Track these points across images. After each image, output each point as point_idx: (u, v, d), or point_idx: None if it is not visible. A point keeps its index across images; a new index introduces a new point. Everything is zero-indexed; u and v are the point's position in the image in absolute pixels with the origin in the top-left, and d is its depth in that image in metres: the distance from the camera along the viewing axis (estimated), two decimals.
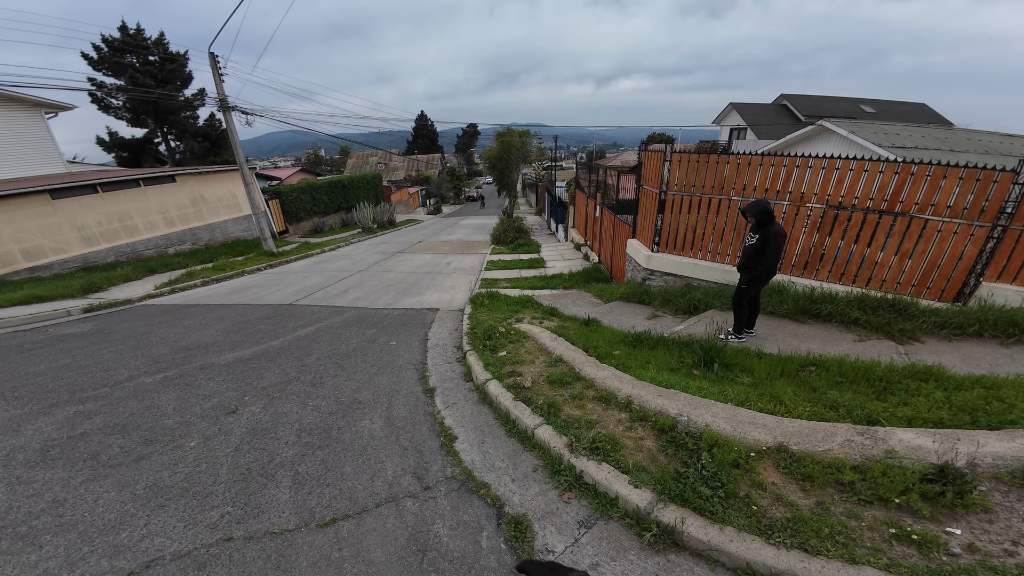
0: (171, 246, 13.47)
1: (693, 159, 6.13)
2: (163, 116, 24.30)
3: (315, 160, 66.08)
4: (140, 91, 20.78)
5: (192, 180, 14.32)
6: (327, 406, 3.91)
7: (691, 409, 2.95)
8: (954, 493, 2.05)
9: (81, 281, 9.12)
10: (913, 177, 4.62)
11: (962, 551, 1.88)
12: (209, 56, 11.70)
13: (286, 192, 18.90)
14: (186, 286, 9.48)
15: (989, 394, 2.90)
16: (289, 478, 2.93)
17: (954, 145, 11.17)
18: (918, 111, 23.29)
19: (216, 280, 10.16)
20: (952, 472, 2.09)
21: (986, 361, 3.79)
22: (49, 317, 7.35)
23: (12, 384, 4.58)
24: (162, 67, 24.11)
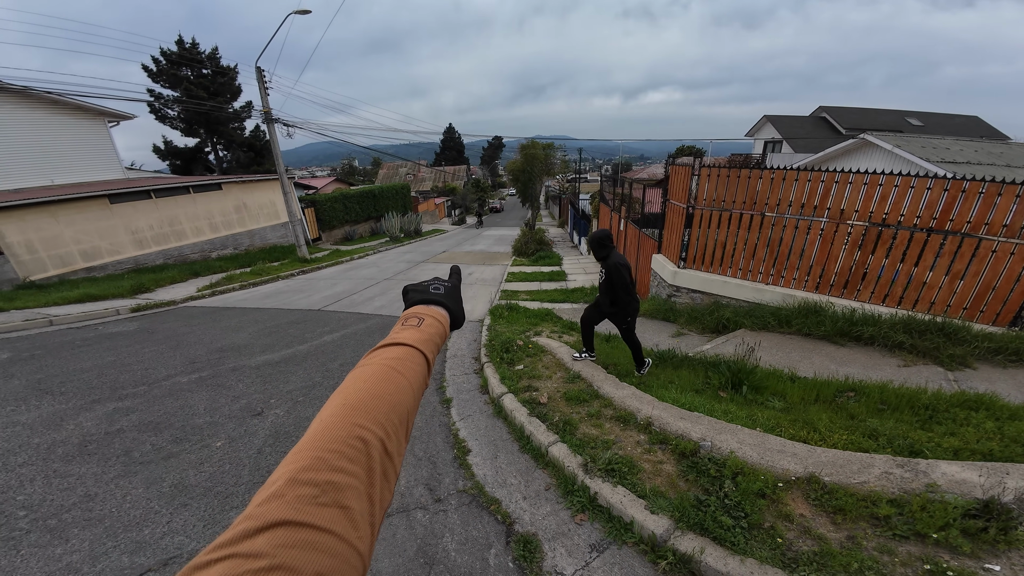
0: (214, 250, 14.28)
1: (723, 173, 6.00)
2: (213, 127, 26.04)
3: (349, 170, 69.13)
4: (193, 103, 22.40)
5: (236, 188, 15.16)
6: None
7: (715, 434, 2.83)
8: (997, 529, 1.91)
9: (131, 282, 9.81)
10: (965, 194, 4.35)
11: None
12: (256, 70, 12.46)
13: (321, 201, 19.74)
14: (225, 289, 9.99)
15: None
16: None
17: (1010, 160, 10.46)
18: (970, 124, 21.88)
19: (253, 284, 10.64)
20: (997, 507, 1.95)
21: None
22: (100, 316, 7.89)
23: (60, 380, 4.91)
24: (214, 80, 25.87)
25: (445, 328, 0.70)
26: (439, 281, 0.79)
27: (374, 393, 0.48)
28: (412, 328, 0.64)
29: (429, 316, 0.68)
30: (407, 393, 0.52)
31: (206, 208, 14.06)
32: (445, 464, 3.18)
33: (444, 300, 0.74)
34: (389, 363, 0.55)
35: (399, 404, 0.49)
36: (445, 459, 3.24)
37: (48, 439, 3.64)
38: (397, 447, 0.46)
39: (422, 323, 0.66)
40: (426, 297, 0.74)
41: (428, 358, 0.61)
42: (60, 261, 10.60)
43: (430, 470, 3.11)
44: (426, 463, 3.20)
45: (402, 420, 0.49)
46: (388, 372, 0.53)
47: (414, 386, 0.54)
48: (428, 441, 3.49)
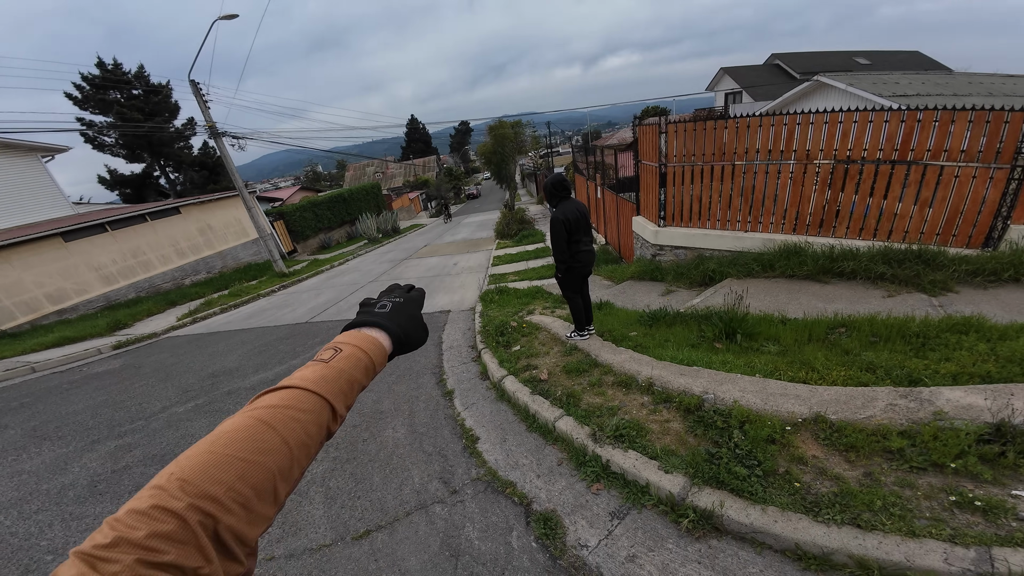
0: (186, 277, 13.63)
1: (690, 128, 5.88)
2: (158, 149, 24.46)
3: (314, 177, 66.55)
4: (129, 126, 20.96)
5: (196, 210, 14.39)
6: (350, 419, 3.87)
7: (716, 385, 2.79)
8: (1016, 452, 1.85)
9: (107, 319, 9.36)
10: (920, 124, 4.38)
11: None
12: (190, 84, 11.59)
13: (289, 212, 19.00)
14: (206, 315, 9.63)
15: None
16: (321, 494, 2.92)
17: (956, 89, 10.73)
18: (913, 59, 22.31)
19: (233, 306, 10.29)
20: (1010, 430, 1.89)
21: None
22: (81, 357, 7.57)
23: (55, 424, 4.70)
24: (147, 100, 24.09)
25: (371, 360, 0.59)
26: (389, 296, 0.70)
27: (219, 457, 0.42)
28: (317, 364, 0.55)
29: (351, 345, 0.59)
30: (278, 451, 0.45)
31: (168, 235, 13.31)
32: (456, 455, 3.10)
33: (384, 321, 0.64)
34: (261, 412, 0.47)
35: (258, 466, 0.43)
36: (455, 450, 3.16)
37: (57, 484, 3.51)
38: (246, 516, 0.41)
39: (336, 356, 0.56)
40: (364, 319, 0.65)
41: (331, 403, 0.51)
42: (27, 307, 9.98)
43: (442, 464, 3.04)
44: (437, 458, 3.12)
45: (260, 483, 0.43)
46: (253, 425, 0.46)
47: (293, 441, 0.46)
48: (436, 436, 3.40)
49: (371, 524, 2.57)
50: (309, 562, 2.37)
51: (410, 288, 0.75)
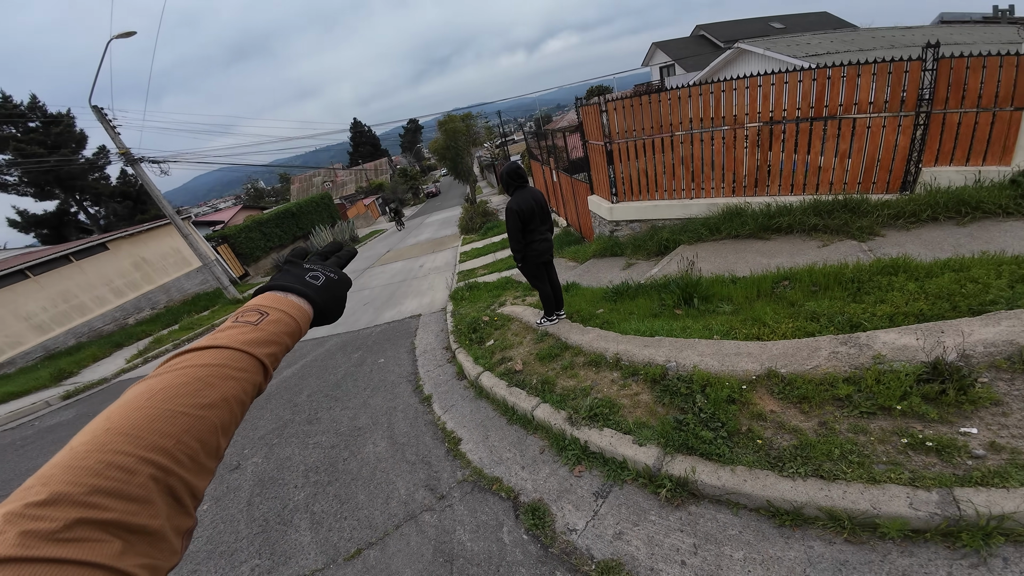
0: (129, 316, 12.39)
1: (628, 104, 5.87)
2: (69, 183, 21.95)
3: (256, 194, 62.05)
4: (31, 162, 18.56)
5: (126, 244, 12.95)
6: (328, 440, 3.71)
7: (677, 352, 2.83)
8: (956, 390, 1.87)
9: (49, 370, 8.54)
10: (831, 81, 4.58)
11: (985, 451, 1.70)
12: (93, 110, 10.25)
13: (234, 234, 17.50)
14: (158, 353, 8.96)
15: (961, 276, 2.78)
16: (307, 520, 2.81)
17: (861, 45, 11.29)
18: (823, 19, 23.54)
19: (187, 340, 9.61)
20: (946, 368, 1.93)
21: (948, 243, 3.70)
22: (30, 411, 6.99)
23: (16, 483, 4.24)
24: (47, 132, 21.49)
25: (299, 325, 0.57)
26: (324, 268, 0.65)
27: (160, 411, 0.39)
28: (243, 326, 0.51)
29: (276, 310, 0.55)
30: (220, 406, 0.43)
31: (100, 273, 11.94)
32: (439, 460, 3.01)
33: (314, 295, 0.60)
34: (195, 371, 0.44)
35: (204, 421, 0.41)
36: (438, 455, 3.07)
37: None
38: (196, 470, 0.40)
39: (263, 319, 0.53)
40: (284, 284, 0.60)
41: (263, 362, 0.50)
42: None
43: (426, 471, 2.94)
44: (421, 466, 3.02)
45: (207, 438, 0.41)
46: (195, 381, 0.43)
47: (232, 398, 0.45)
48: (418, 443, 3.29)
49: (361, 542, 2.50)
50: None
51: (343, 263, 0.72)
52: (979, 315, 2.33)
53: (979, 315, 2.33)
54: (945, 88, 4.21)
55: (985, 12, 19.30)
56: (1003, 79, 4.01)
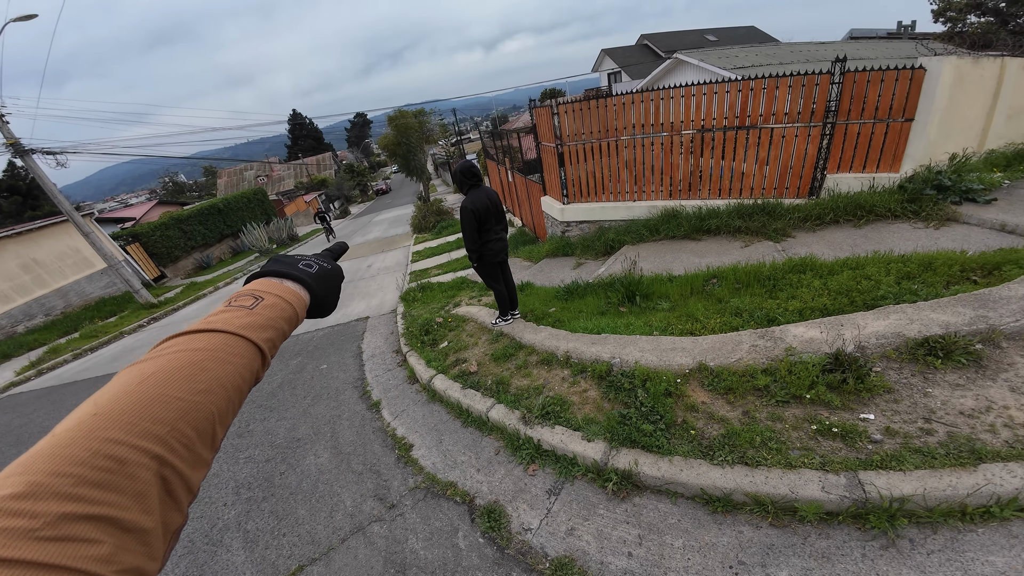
0: (18, 324, 10.69)
1: (578, 108, 5.94)
2: None
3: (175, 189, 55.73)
4: None
5: (12, 244, 11.11)
6: (262, 454, 3.39)
7: (621, 349, 2.92)
8: (854, 379, 2.01)
9: None
10: (754, 92, 4.86)
11: (883, 436, 1.83)
12: None
13: (147, 232, 15.52)
14: (54, 364, 7.88)
15: (857, 274, 3.04)
16: (239, 539, 2.56)
17: (782, 58, 12.13)
18: (751, 33, 25.38)
19: (90, 350, 8.51)
20: (846, 358, 2.07)
21: (847, 244, 4.02)
22: None
23: None
24: None
25: (295, 312, 0.53)
26: (316, 258, 0.62)
27: (153, 395, 0.35)
28: (238, 310, 0.48)
29: (271, 295, 0.52)
30: (216, 392, 0.39)
31: None
32: (389, 468, 2.86)
33: (310, 280, 0.57)
34: (189, 355, 0.40)
35: (199, 407, 0.37)
36: (388, 463, 2.92)
37: None
38: (191, 460, 0.35)
39: (258, 304, 0.49)
40: (281, 270, 0.56)
41: (261, 347, 0.46)
42: None
43: (375, 481, 2.79)
44: (369, 475, 2.85)
45: (202, 426, 0.37)
46: (190, 365, 0.39)
47: (229, 383, 0.41)
48: (365, 452, 3.11)
49: (303, 559, 2.32)
50: None
51: (336, 256, 0.69)
52: (872, 309, 2.58)
53: (872, 309, 2.58)
54: (848, 100, 4.55)
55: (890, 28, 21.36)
56: (897, 92, 4.36)
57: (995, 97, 4.93)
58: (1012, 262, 2.74)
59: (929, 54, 4.55)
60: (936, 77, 4.26)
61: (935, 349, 2.10)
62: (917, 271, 2.94)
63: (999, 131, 5.13)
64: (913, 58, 4.58)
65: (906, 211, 4.27)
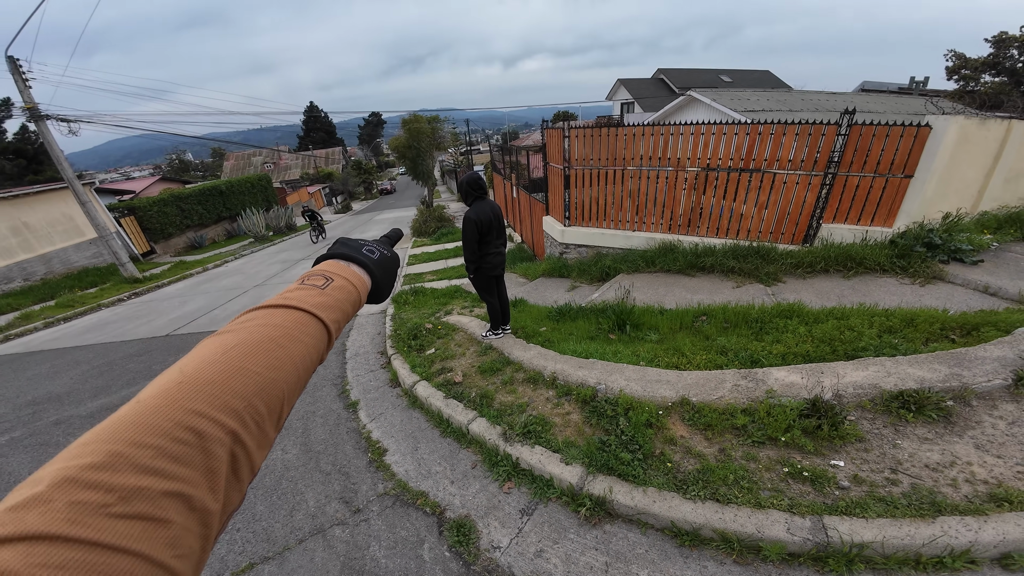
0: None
1: (590, 134, 6.18)
2: None
3: (180, 167, 55.75)
4: None
5: (6, 205, 11.19)
6: None
7: (607, 376, 3.00)
8: (829, 426, 2.12)
9: None
10: (760, 136, 5.06)
11: (850, 483, 1.93)
12: (8, 61, 9.16)
13: (144, 206, 15.57)
14: (23, 331, 7.73)
15: (841, 324, 3.19)
16: None
17: (792, 105, 12.53)
18: (765, 78, 26.55)
19: (63, 319, 8.39)
20: (823, 405, 2.19)
21: (835, 293, 4.18)
22: None
23: None
24: None
25: (360, 296, 0.56)
26: (377, 244, 0.65)
27: (235, 367, 0.36)
28: (311, 289, 0.49)
29: (341, 277, 0.53)
30: (289, 370, 0.40)
31: None
32: (359, 472, 2.87)
33: (372, 266, 0.59)
34: (267, 330, 0.41)
35: (274, 384, 0.38)
36: (358, 466, 2.92)
37: None
38: (260, 438, 0.36)
39: (329, 284, 0.51)
40: (347, 253, 0.59)
41: (329, 328, 0.47)
42: None
43: (342, 483, 2.78)
44: (337, 476, 2.85)
45: (273, 404, 0.37)
46: (268, 341, 0.40)
47: (299, 362, 0.41)
48: (336, 452, 3.11)
49: (255, 557, 2.29)
50: None
51: (393, 243, 0.71)
52: (852, 359, 2.73)
53: (852, 359, 2.73)
54: (852, 153, 4.67)
55: (903, 83, 21.95)
56: (900, 148, 4.49)
57: (996, 159, 5.06)
58: (991, 324, 2.92)
59: (937, 112, 4.65)
60: (940, 136, 4.35)
61: (908, 403, 2.22)
62: (899, 326, 3.10)
63: (995, 193, 5.29)
64: (921, 114, 4.74)
65: (895, 266, 4.46)
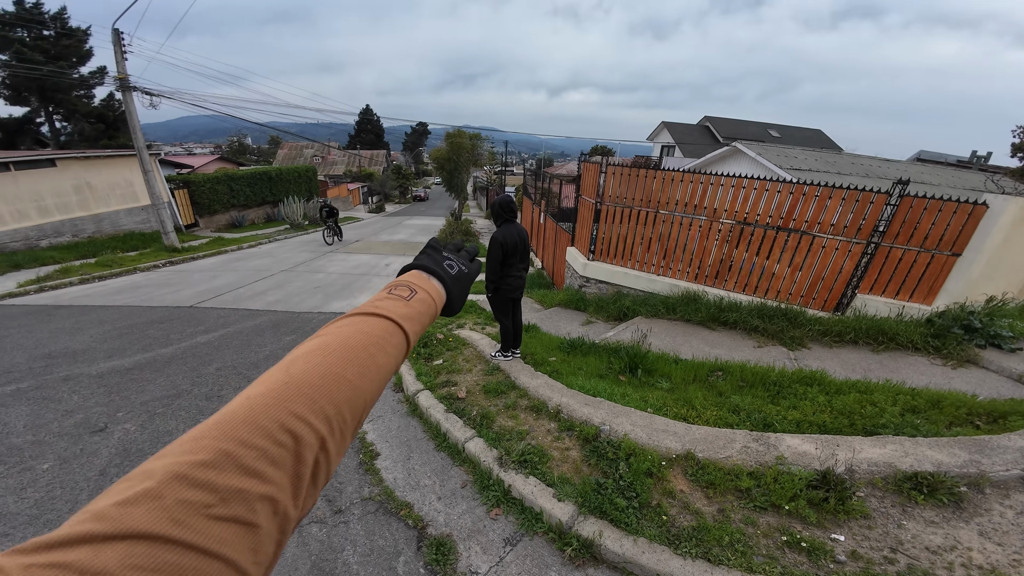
0: (44, 238, 11.33)
1: (626, 172, 6.37)
2: (50, 94, 21.23)
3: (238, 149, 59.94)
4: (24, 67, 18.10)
5: (77, 165, 12.22)
6: None
7: (613, 417, 3.01)
8: (836, 499, 2.12)
9: None
10: (805, 197, 5.04)
11: (847, 558, 1.93)
12: (113, 32, 10.31)
13: (198, 182, 16.75)
14: (58, 284, 8.14)
15: (863, 398, 3.17)
16: None
17: (841, 168, 12.34)
18: (815, 136, 26.58)
19: (99, 278, 8.84)
20: (834, 478, 2.19)
21: (861, 366, 4.13)
22: None
23: None
24: (56, 42, 21.15)
25: (436, 309, 0.59)
26: (458, 258, 0.67)
27: (334, 374, 0.37)
28: (398, 300, 0.51)
29: (423, 289, 0.56)
30: (374, 380, 0.41)
31: (32, 188, 11.04)
32: (348, 472, 2.92)
33: (450, 283, 0.62)
34: (362, 338, 0.43)
35: (361, 394, 0.39)
36: (348, 466, 2.98)
37: None
38: (340, 446, 0.36)
39: (413, 296, 0.53)
40: (429, 266, 0.61)
41: (410, 339, 0.49)
42: None
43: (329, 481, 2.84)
44: None
45: (356, 414, 0.39)
46: (362, 349, 0.42)
47: (384, 372, 0.43)
48: None
49: None
50: None
51: (472, 257, 0.73)
52: (871, 435, 2.69)
53: (871, 435, 2.69)
54: (900, 224, 4.61)
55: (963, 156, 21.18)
56: (952, 224, 4.40)
57: None
58: (1019, 413, 2.87)
59: (997, 190, 4.53)
60: (997, 216, 4.26)
61: (921, 484, 2.21)
62: (924, 406, 3.06)
63: None
64: (978, 191, 4.66)
65: (928, 345, 4.36)
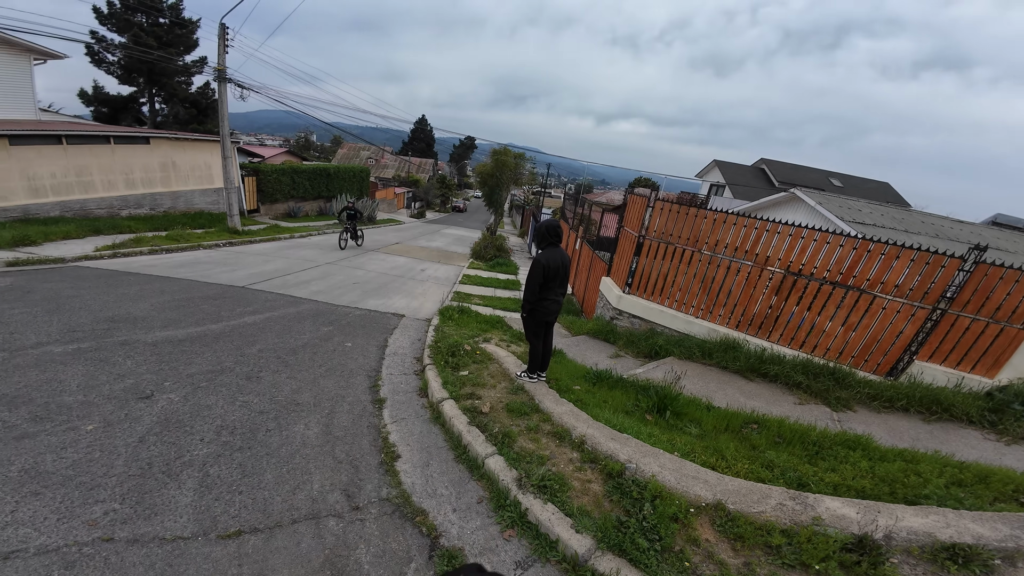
0: (126, 208, 12.75)
1: (674, 209, 6.39)
2: (156, 78, 24.13)
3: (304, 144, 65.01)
4: (139, 50, 20.95)
5: (167, 145, 13.87)
6: (259, 404, 3.67)
7: (640, 457, 2.99)
8: (869, 563, 2.12)
9: (13, 232, 8.42)
10: (869, 254, 4.86)
11: None
12: (219, 27, 11.82)
13: (266, 171, 18.55)
14: (130, 252, 8.95)
15: (908, 467, 3.08)
16: (196, 479, 2.68)
17: (908, 226, 11.60)
18: (881, 189, 25.19)
19: (166, 250, 9.69)
20: (870, 543, 2.19)
21: (909, 435, 4.02)
22: None
23: None
24: (170, 30, 24.16)
25: None
26: None
27: None
28: None
29: None
30: None
31: (125, 162, 12.53)
32: (369, 469, 3.03)
33: None
34: None
35: None
36: (370, 464, 3.09)
37: None
38: None
39: None
40: None
41: None
42: None
43: (350, 474, 2.94)
44: (347, 466, 3.02)
45: None
46: None
47: None
48: (352, 443, 3.31)
49: (245, 525, 2.39)
50: (155, 552, 2.15)
51: None
52: (912, 504, 2.62)
53: (912, 504, 2.62)
54: (971, 291, 4.43)
55: None
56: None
57: None
58: None
59: None
60: None
61: (957, 556, 2.19)
62: (971, 480, 2.98)
63: None
64: None
65: (984, 419, 4.19)
